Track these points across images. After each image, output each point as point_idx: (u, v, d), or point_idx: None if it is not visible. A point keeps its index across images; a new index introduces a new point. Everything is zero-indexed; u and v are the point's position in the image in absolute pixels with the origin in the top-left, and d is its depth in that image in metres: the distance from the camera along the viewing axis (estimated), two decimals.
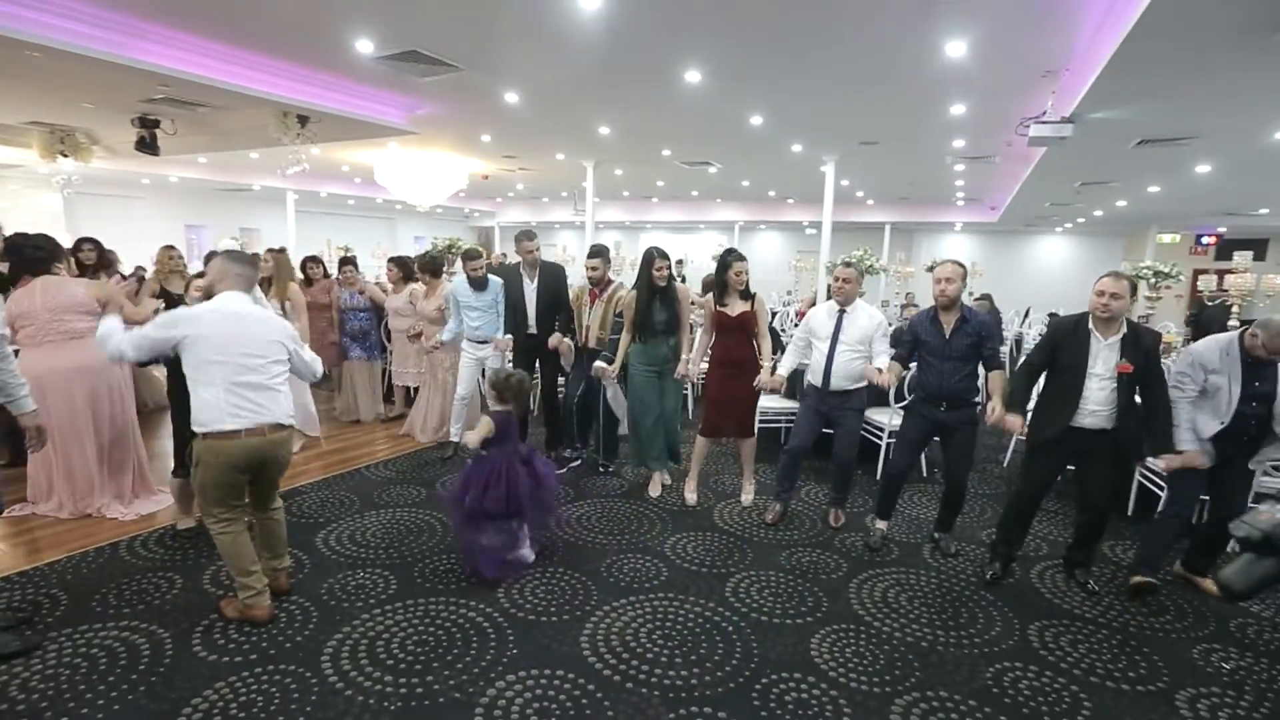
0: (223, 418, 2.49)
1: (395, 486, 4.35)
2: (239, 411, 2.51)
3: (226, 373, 2.51)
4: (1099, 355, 2.97)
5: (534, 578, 3.19)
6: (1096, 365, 2.97)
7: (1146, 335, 3.01)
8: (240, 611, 2.69)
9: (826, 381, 3.65)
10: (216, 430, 2.50)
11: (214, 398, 2.49)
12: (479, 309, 4.66)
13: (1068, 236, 16.69)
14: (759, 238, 19.41)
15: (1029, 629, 2.90)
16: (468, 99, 6.41)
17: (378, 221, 18.28)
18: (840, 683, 2.49)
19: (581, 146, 9.16)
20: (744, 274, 3.84)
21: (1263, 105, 4.72)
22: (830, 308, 3.75)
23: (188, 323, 2.54)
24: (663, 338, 4.09)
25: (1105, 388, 2.97)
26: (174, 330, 2.52)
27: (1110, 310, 2.91)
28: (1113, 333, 2.96)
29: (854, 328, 3.63)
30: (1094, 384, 2.97)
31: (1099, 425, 3.00)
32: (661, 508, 4.13)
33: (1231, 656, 2.77)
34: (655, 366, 4.15)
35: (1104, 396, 2.97)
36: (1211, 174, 7.60)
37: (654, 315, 4.03)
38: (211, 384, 2.49)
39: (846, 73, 5.21)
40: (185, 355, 2.52)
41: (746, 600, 3.05)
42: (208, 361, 2.49)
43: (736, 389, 3.90)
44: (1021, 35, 4.29)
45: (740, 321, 3.86)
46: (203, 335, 2.50)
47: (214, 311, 2.58)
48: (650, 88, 5.85)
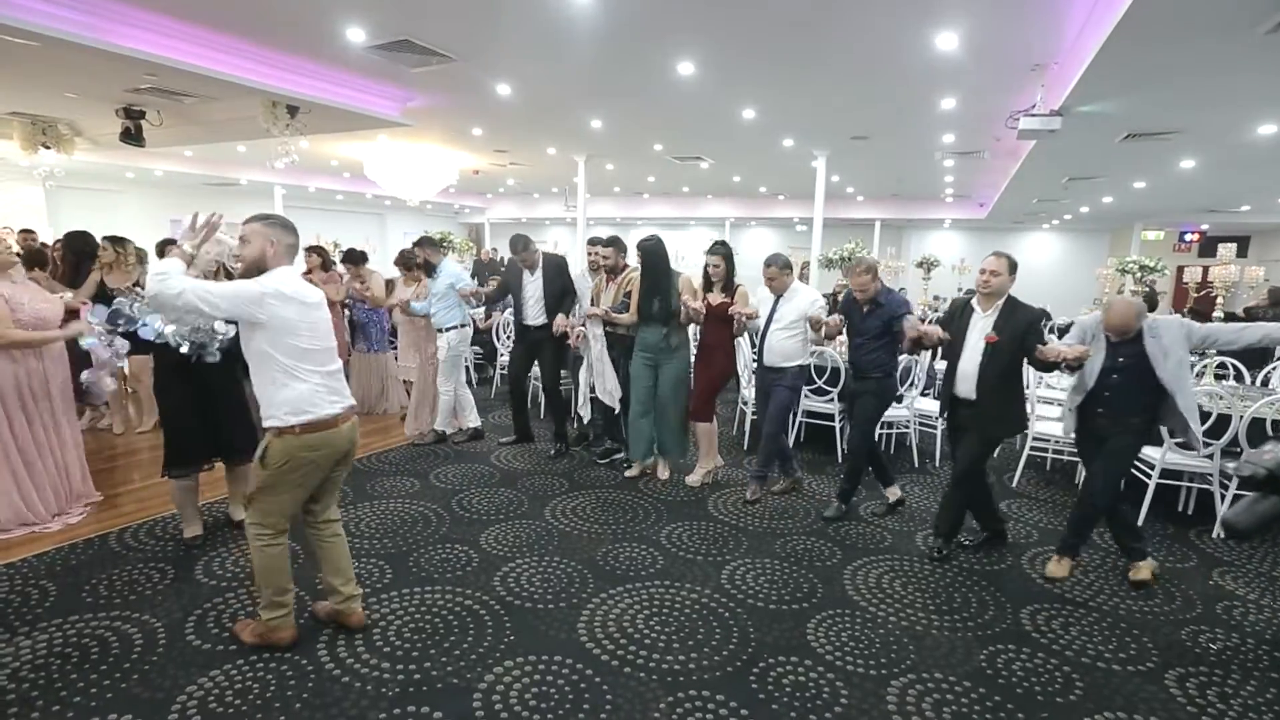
0: (323, 403, 2.27)
1: (389, 478, 4.33)
2: (336, 395, 2.34)
3: (322, 359, 2.30)
4: (975, 326, 3.24)
5: (530, 567, 3.18)
6: (971, 336, 3.24)
7: (1023, 311, 3.16)
8: (262, 635, 2.43)
9: (761, 357, 4.03)
10: (318, 418, 2.26)
11: (310, 387, 2.25)
12: (433, 296, 4.82)
13: (1055, 233, 16.87)
14: (749, 234, 19.45)
15: (1021, 613, 2.94)
16: (460, 90, 6.37)
17: (367, 217, 18.12)
18: (837, 665, 2.50)
19: (573, 140, 9.13)
20: (720, 266, 4.11)
21: (1247, 100, 4.79)
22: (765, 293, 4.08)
23: (276, 301, 2.19)
24: (657, 325, 4.13)
25: (974, 358, 3.20)
26: (258, 306, 2.16)
27: (990, 285, 3.17)
28: (990, 307, 3.21)
29: (788, 311, 3.94)
30: (967, 354, 3.24)
31: (968, 394, 3.24)
32: (657, 498, 4.13)
33: (1218, 637, 2.81)
34: (650, 354, 4.20)
35: (973, 367, 3.20)
36: (1196, 169, 7.70)
37: (652, 303, 4.11)
38: (306, 374, 2.24)
39: (839, 65, 5.22)
40: (261, 339, 2.20)
41: (742, 587, 3.07)
42: (299, 349, 2.23)
43: (702, 372, 4.21)
44: (1011, 28, 4.32)
45: (717, 311, 4.06)
46: (289, 320, 2.21)
47: (294, 296, 2.25)
48: (643, 79, 5.84)
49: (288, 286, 2.24)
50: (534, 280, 4.77)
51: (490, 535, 3.52)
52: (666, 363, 4.20)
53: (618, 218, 18.14)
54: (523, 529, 3.62)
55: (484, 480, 4.36)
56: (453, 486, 4.23)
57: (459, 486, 4.23)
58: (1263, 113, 5.16)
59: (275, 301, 2.19)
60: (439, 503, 3.94)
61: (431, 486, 4.21)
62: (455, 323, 4.86)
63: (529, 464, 4.72)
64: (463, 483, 4.30)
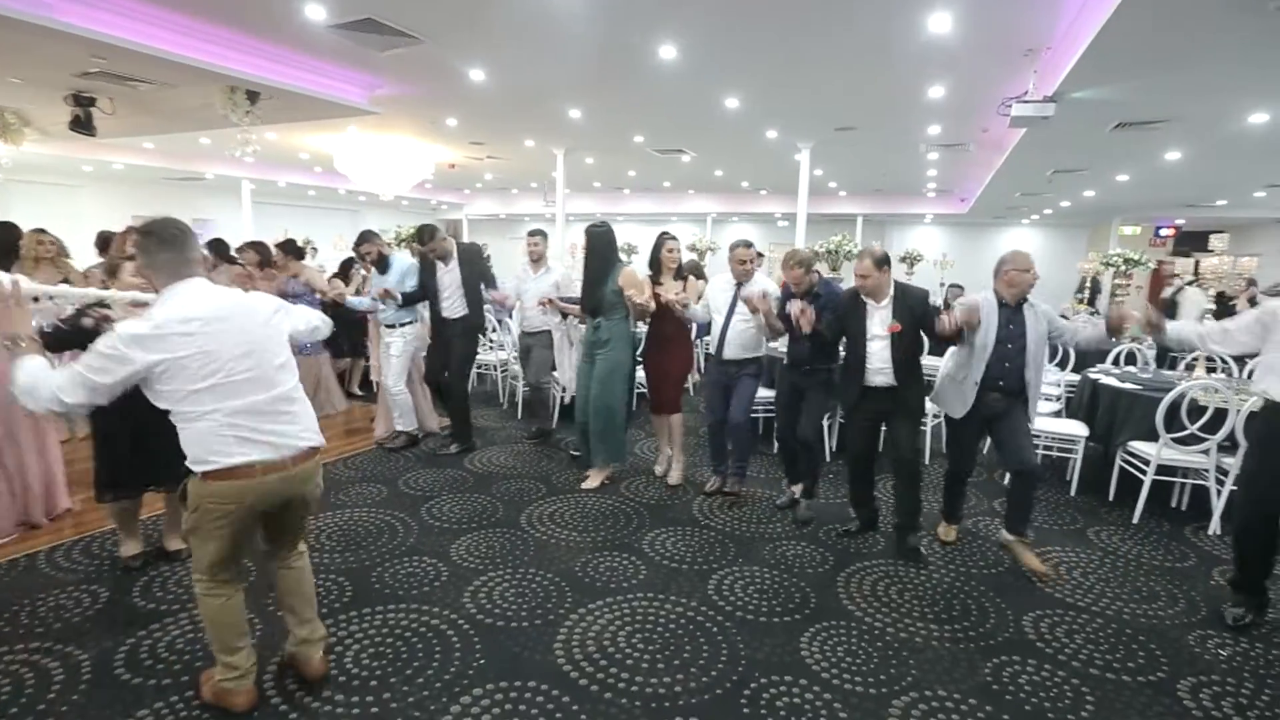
0: (229, 449, 1.85)
1: (354, 485, 4.08)
2: (252, 439, 1.88)
3: (223, 398, 1.84)
4: (874, 318, 3.30)
5: (503, 580, 2.97)
6: (872, 328, 3.30)
7: (913, 294, 3.34)
8: (216, 695, 2.07)
9: (720, 350, 3.86)
10: (223, 466, 1.85)
11: (211, 429, 1.84)
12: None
13: (1034, 228, 16.95)
14: (732, 229, 19.29)
15: (1024, 620, 2.79)
16: (431, 77, 6.10)
17: (341, 213, 17.65)
18: (834, 684, 2.32)
19: (551, 132, 8.88)
20: (674, 251, 4.02)
21: (1245, 86, 4.69)
22: (727, 281, 3.86)
23: (153, 344, 1.77)
24: (589, 318, 4.03)
25: (883, 349, 3.27)
26: (132, 359, 1.75)
27: (864, 287, 3.29)
28: (882, 298, 3.29)
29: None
30: (873, 346, 3.29)
31: (887, 382, 3.29)
32: (639, 502, 3.93)
33: (1227, 642, 2.69)
34: (586, 348, 4.10)
35: (884, 355, 3.27)
36: (1181, 161, 7.67)
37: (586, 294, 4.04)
38: (205, 417, 1.83)
39: (826, 49, 5.05)
40: (158, 389, 1.81)
41: (730, 598, 2.88)
42: (193, 392, 1.81)
43: (662, 365, 4.08)
44: (1004, 11, 4.18)
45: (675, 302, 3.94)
46: (179, 360, 1.79)
47: (186, 321, 1.82)
48: (623, 65, 5.62)
49: (165, 317, 1.81)
50: (449, 271, 4.56)
51: (461, 546, 3.29)
52: (600, 357, 4.01)
53: (598, 214, 17.88)
54: (496, 538, 3.39)
55: (457, 485, 4.13)
56: (423, 493, 3.99)
57: (430, 493, 3.99)
58: (1258, 100, 5.07)
59: (154, 349, 1.76)
60: (407, 511, 3.70)
61: (400, 493, 3.97)
62: (407, 319, 4.62)
63: (505, 467, 4.49)
64: (434, 488, 4.06)
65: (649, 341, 4.16)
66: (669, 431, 4.27)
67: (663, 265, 4.01)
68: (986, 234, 17.22)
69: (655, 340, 4.12)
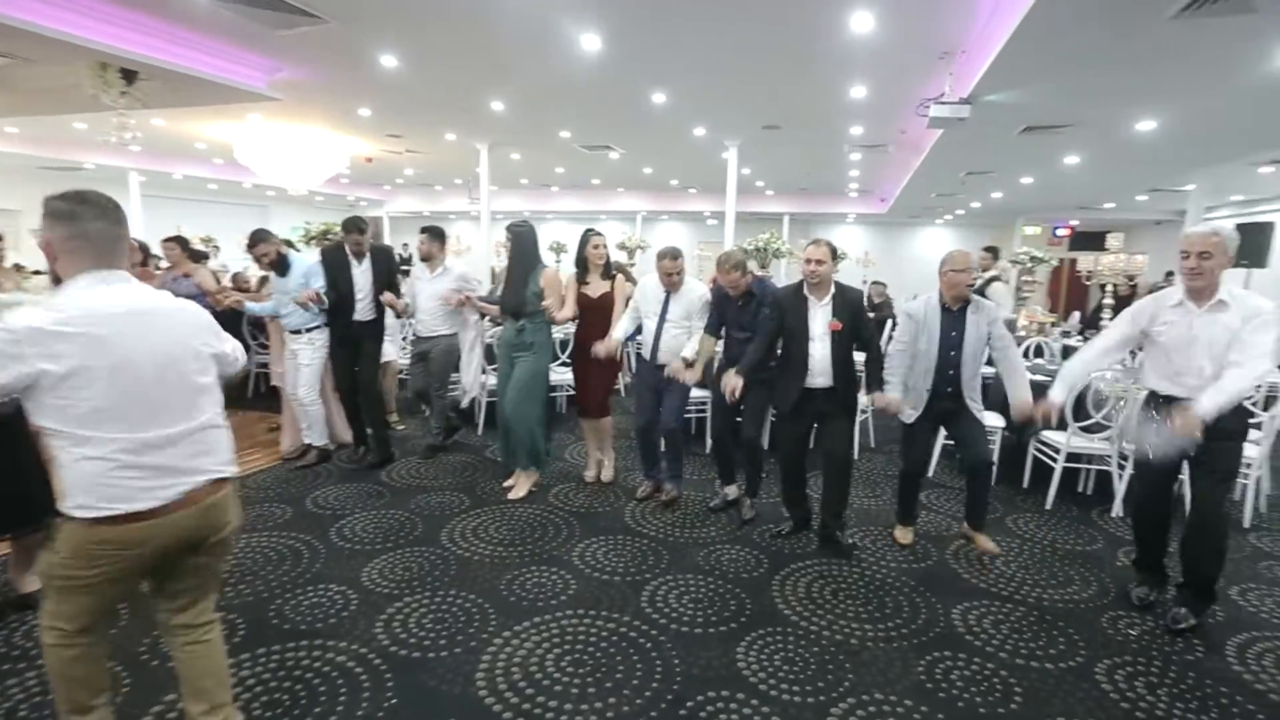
0: (129, 494, 1.52)
1: (253, 507, 3.70)
2: (157, 480, 1.55)
3: (129, 424, 1.51)
4: (815, 317, 3.21)
5: (421, 605, 2.73)
6: (816, 326, 3.21)
7: (851, 293, 3.30)
8: None
9: (654, 355, 3.75)
10: (110, 514, 1.50)
11: (104, 469, 1.49)
12: (285, 294, 4.17)
13: (947, 228, 17.88)
14: (661, 228, 19.35)
15: (952, 613, 2.82)
16: (339, 62, 5.69)
17: (248, 209, 16.45)
18: (772, 696, 2.24)
19: (474, 126, 8.54)
20: (599, 247, 3.88)
21: (1136, 93, 5.01)
22: (656, 284, 3.75)
23: (53, 344, 1.44)
24: (510, 319, 3.85)
25: (824, 348, 3.20)
26: (24, 358, 1.42)
27: (817, 274, 3.17)
28: (824, 295, 3.21)
29: (679, 306, 3.71)
30: (816, 346, 3.21)
31: (826, 384, 3.24)
32: (567, 510, 3.76)
33: (1135, 622, 2.80)
34: (506, 350, 3.90)
35: (825, 356, 3.21)
36: (1078, 165, 8.20)
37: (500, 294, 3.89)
38: (101, 447, 1.48)
39: (753, 46, 5.03)
40: (47, 401, 1.46)
41: (665, 610, 2.76)
42: (95, 411, 1.47)
43: (591, 368, 3.93)
44: (921, 14, 4.27)
45: (601, 302, 3.86)
46: (82, 369, 1.45)
47: (97, 319, 1.49)
48: (546, 55, 5.41)
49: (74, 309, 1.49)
50: (364, 271, 4.27)
51: (375, 569, 3.02)
52: (520, 360, 3.84)
53: (526, 211, 17.50)
54: (414, 558, 3.14)
55: (371, 501, 3.83)
56: (333, 511, 3.67)
57: (340, 511, 3.67)
58: (1146, 107, 5.44)
59: (49, 349, 1.43)
60: (314, 533, 3.38)
61: (306, 513, 3.63)
62: (315, 323, 4.23)
63: (425, 479, 4.21)
64: (345, 506, 3.75)
65: (577, 345, 4.01)
66: (598, 435, 4.15)
67: (589, 263, 3.88)
68: (905, 233, 18.01)
69: (584, 343, 3.95)
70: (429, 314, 4.46)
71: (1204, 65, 4.28)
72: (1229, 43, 3.88)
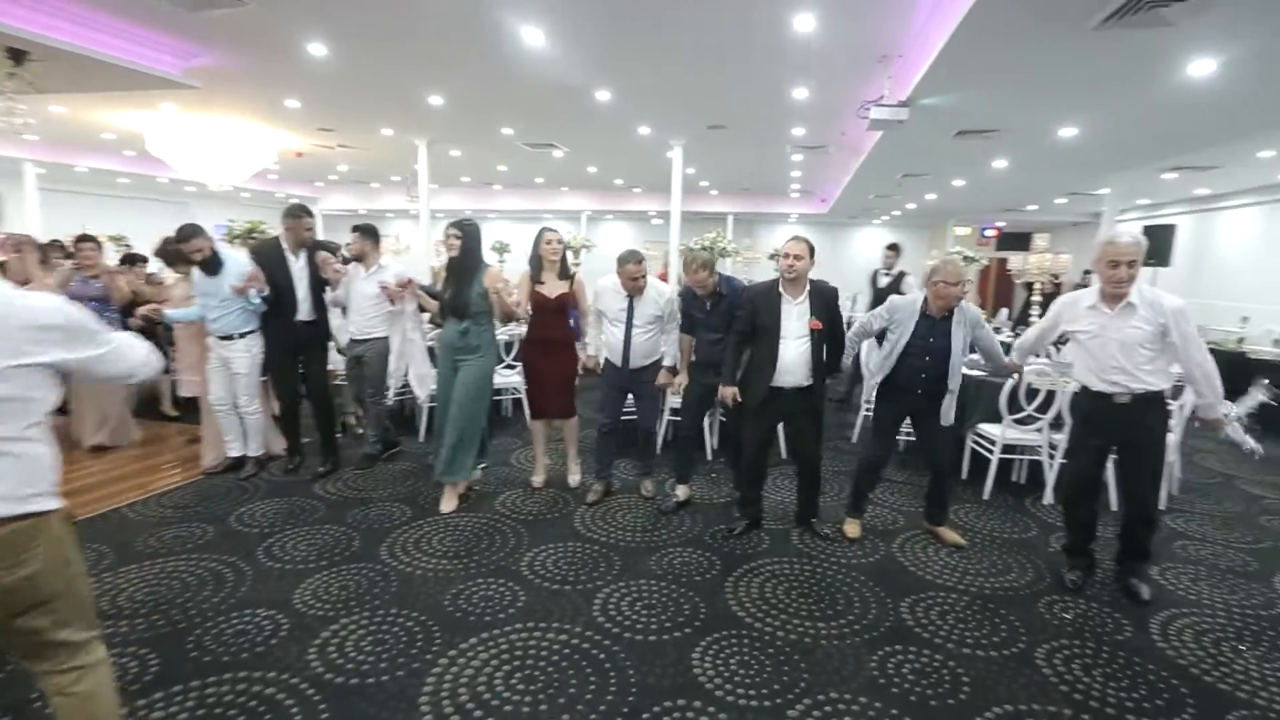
0: None
1: (169, 529, 3.41)
2: None
3: None
4: (791, 315, 3.20)
5: (359, 626, 2.57)
6: (791, 324, 3.19)
7: (827, 291, 3.28)
8: None
9: (626, 361, 3.70)
10: None
11: None
12: (215, 298, 3.87)
13: (885, 228, 18.48)
14: (606, 227, 19.25)
15: (901, 606, 2.86)
16: (263, 49, 5.34)
17: (164, 206, 15.37)
18: (729, 702, 2.21)
19: (411, 121, 8.23)
20: (553, 244, 3.73)
21: (1059, 100, 5.26)
22: (617, 287, 3.68)
23: None
24: (454, 321, 3.65)
25: (800, 347, 3.19)
26: None
27: (795, 270, 3.15)
28: (800, 293, 3.20)
29: (645, 309, 3.66)
30: (791, 343, 3.19)
31: (797, 383, 3.23)
32: (515, 519, 3.64)
33: (1069, 606, 2.91)
34: (448, 354, 3.71)
35: (800, 355, 3.19)
36: (1006, 169, 8.59)
37: (444, 294, 3.69)
38: None
39: (698, 44, 5.01)
40: None
41: (618, 618, 2.69)
42: None
43: (552, 368, 3.85)
44: (860, 16, 4.34)
45: (559, 303, 3.76)
46: None
47: None
48: (487, 48, 5.24)
49: None
50: (302, 267, 4.05)
51: (308, 590, 2.83)
52: (465, 364, 3.68)
53: (467, 210, 17.08)
54: (351, 576, 2.96)
55: (304, 517, 3.60)
56: (260, 529, 3.43)
57: (270, 528, 3.44)
58: (1068, 114, 5.72)
59: None
60: (239, 554, 3.15)
61: (231, 532, 3.38)
62: (249, 327, 3.96)
63: (362, 490, 4.00)
64: (275, 523, 3.51)
65: (530, 345, 3.88)
66: (564, 437, 4.11)
67: (543, 261, 3.75)
68: (845, 233, 18.51)
69: (539, 343, 3.84)
70: (364, 315, 4.23)
71: (1121, 75, 4.53)
72: (1144, 55, 4.10)
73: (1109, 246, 2.75)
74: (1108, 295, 2.81)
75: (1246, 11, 3.41)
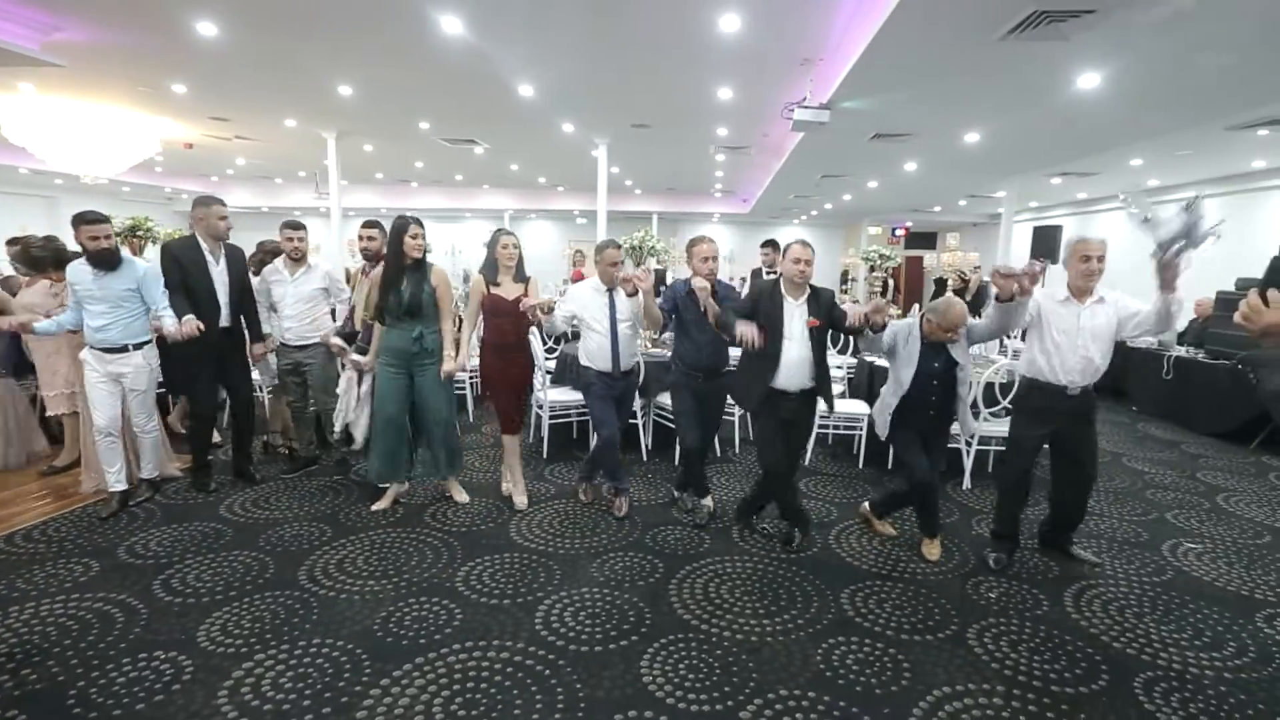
0: None
1: (42, 566, 3.00)
2: None
3: None
4: (794, 316, 3.19)
5: (277, 662, 2.33)
6: (793, 326, 3.18)
7: (824, 293, 3.30)
8: None
9: (617, 364, 3.57)
10: None
11: None
12: (106, 302, 3.40)
13: (803, 227, 19.16)
14: (530, 226, 18.91)
15: (841, 597, 2.91)
16: (141, 25, 4.81)
17: (28, 199, 13.76)
18: (680, 709, 2.16)
19: (318, 112, 7.72)
20: (510, 247, 3.59)
21: (966, 107, 5.60)
22: (595, 285, 3.60)
23: None
24: (407, 324, 3.44)
25: (802, 347, 3.18)
26: None
27: (806, 275, 3.18)
28: (801, 295, 3.23)
29: (624, 304, 3.58)
30: (793, 344, 3.17)
31: (802, 384, 3.21)
32: (446, 531, 3.45)
33: (994, 586, 3.06)
34: (398, 362, 3.48)
35: (802, 356, 3.18)
36: (915, 171, 9.07)
37: (392, 296, 3.41)
38: None
39: (623, 39, 4.95)
40: None
41: (561, 630, 2.58)
42: None
43: (508, 374, 3.70)
44: (783, 18, 4.41)
45: (516, 305, 3.55)
46: None
47: None
48: (401, 35, 4.96)
49: None
50: (221, 270, 3.77)
51: (215, 625, 2.55)
52: (424, 370, 3.51)
53: (382, 208, 16.32)
54: (266, 606, 2.70)
55: (207, 543, 3.26)
56: (157, 560, 3.07)
57: (167, 558, 3.09)
58: (973, 120, 6.10)
59: None
60: (131, 589, 2.80)
61: (120, 565, 3.01)
62: (144, 337, 3.55)
63: (276, 510, 3.68)
64: (173, 551, 3.16)
65: (489, 351, 3.67)
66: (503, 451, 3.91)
67: (499, 265, 3.58)
68: (765, 231, 19.00)
69: (497, 348, 3.63)
70: (297, 319, 3.94)
71: (1022, 85, 4.85)
72: (1042, 67, 4.41)
73: (1081, 244, 2.96)
74: (1078, 289, 3.01)
75: (1128, 29, 3.72)
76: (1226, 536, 3.68)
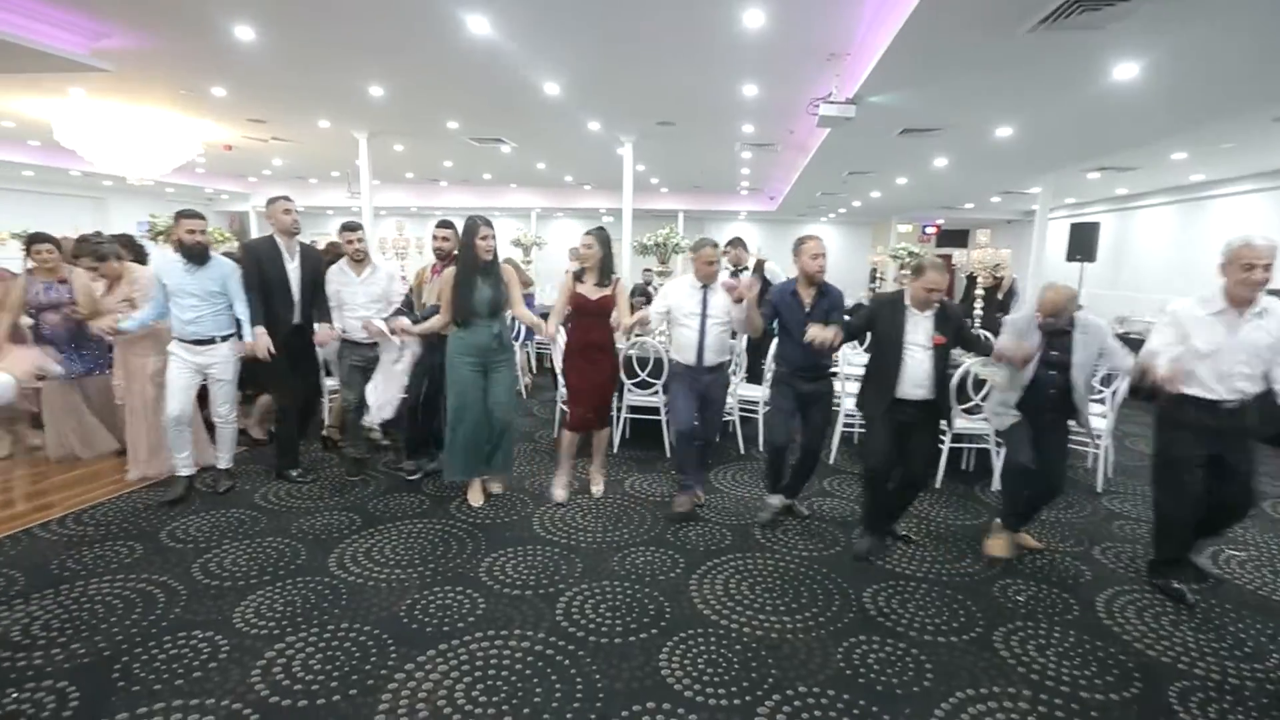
0: None
1: (90, 548, 3.14)
2: None
3: None
4: (918, 329, 3.12)
5: (306, 644, 2.41)
6: (915, 337, 3.11)
7: (954, 308, 3.23)
8: None
9: (701, 358, 3.59)
10: None
11: None
12: (196, 296, 3.54)
13: (831, 225, 18.94)
14: (556, 225, 19.04)
15: (863, 596, 2.89)
16: (183, 30, 4.99)
17: (78, 201, 14.34)
18: (699, 702, 2.17)
19: (350, 113, 7.89)
20: (591, 249, 3.64)
21: (997, 101, 5.47)
22: (691, 282, 3.64)
23: None
24: (486, 322, 3.51)
25: (923, 360, 3.10)
26: None
27: (934, 299, 3.11)
28: (926, 309, 3.13)
29: (718, 302, 3.58)
30: (915, 356, 3.10)
31: (924, 396, 3.13)
32: (471, 523, 3.52)
33: (1022, 589, 3.01)
34: (478, 358, 3.54)
35: (923, 369, 3.10)
36: (946, 167, 8.90)
37: (475, 295, 3.46)
38: None
39: (648, 38, 4.96)
40: None
41: (581, 622, 2.62)
42: None
43: (594, 376, 3.73)
44: (809, 14, 4.37)
45: (600, 305, 3.65)
46: None
47: None
48: (429, 35, 5.05)
49: None
50: (295, 268, 3.88)
51: (249, 608, 2.65)
52: (500, 367, 3.61)
53: (412, 207, 16.61)
54: (297, 591, 2.79)
55: (243, 530, 3.38)
56: (196, 545, 3.19)
57: (206, 543, 3.21)
58: (1005, 114, 5.96)
59: None
60: (172, 571, 2.92)
61: (162, 549, 3.14)
62: (229, 330, 3.68)
63: (307, 499, 3.79)
64: (211, 537, 3.28)
65: (573, 351, 3.76)
66: (593, 444, 3.98)
67: (601, 264, 3.66)
68: (793, 229, 18.82)
69: (582, 349, 3.71)
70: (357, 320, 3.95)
71: (1054, 77, 4.73)
72: (1076, 58, 4.29)
73: (1245, 249, 2.60)
74: (1238, 299, 2.67)
75: (1166, 16, 3.60)
76: (1274, 544, 3.56)
